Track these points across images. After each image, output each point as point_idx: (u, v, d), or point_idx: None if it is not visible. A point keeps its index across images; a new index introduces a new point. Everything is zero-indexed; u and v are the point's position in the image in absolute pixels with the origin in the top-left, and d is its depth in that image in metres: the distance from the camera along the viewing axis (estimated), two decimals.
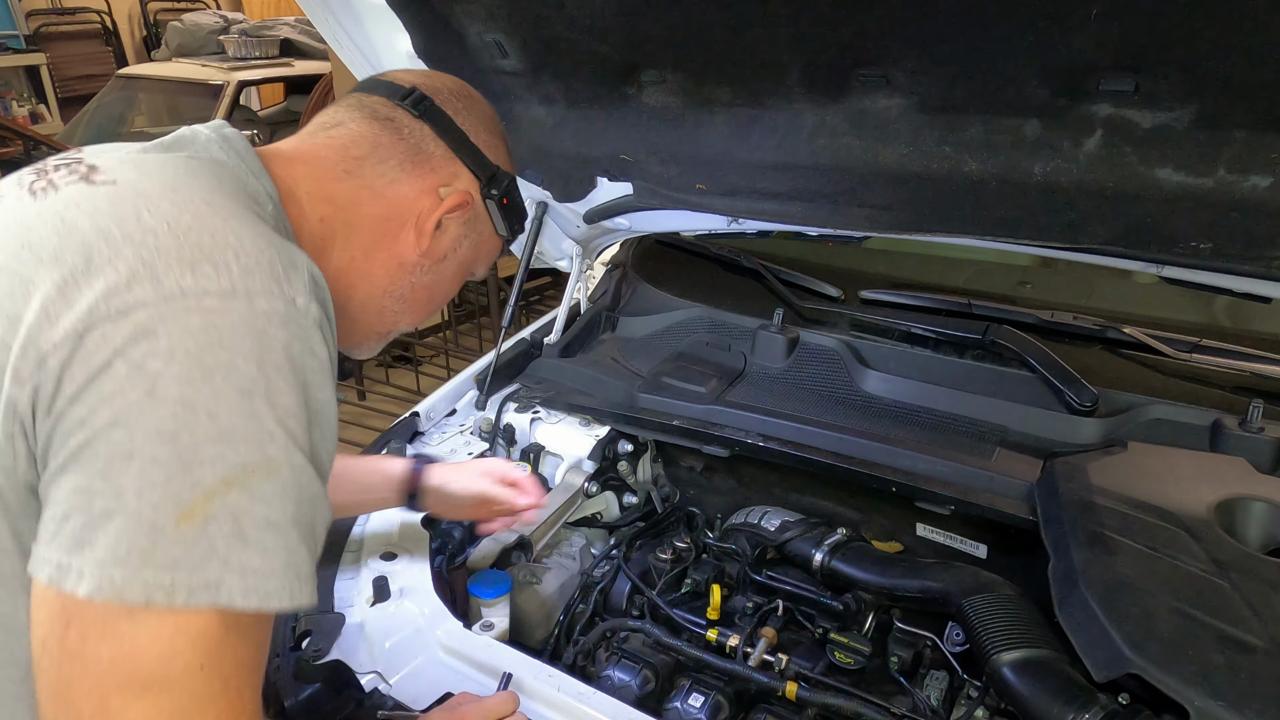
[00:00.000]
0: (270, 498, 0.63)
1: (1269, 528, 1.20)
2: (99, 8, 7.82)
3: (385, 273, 0.90)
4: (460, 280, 0.99)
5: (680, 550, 1.50)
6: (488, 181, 0.93)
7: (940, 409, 1.55)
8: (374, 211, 0.87)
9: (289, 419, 0.65)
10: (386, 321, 0.95)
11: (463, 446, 1.63)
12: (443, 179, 0.90)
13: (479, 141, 0.93)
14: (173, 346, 0.61)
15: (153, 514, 0.60)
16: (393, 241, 0.89)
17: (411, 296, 0.94)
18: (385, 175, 0.87)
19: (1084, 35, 0.93)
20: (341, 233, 0.86)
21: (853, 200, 1.33)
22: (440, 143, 0.90)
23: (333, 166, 0.86)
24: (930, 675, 1.26)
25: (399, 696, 1.08)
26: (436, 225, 0.90)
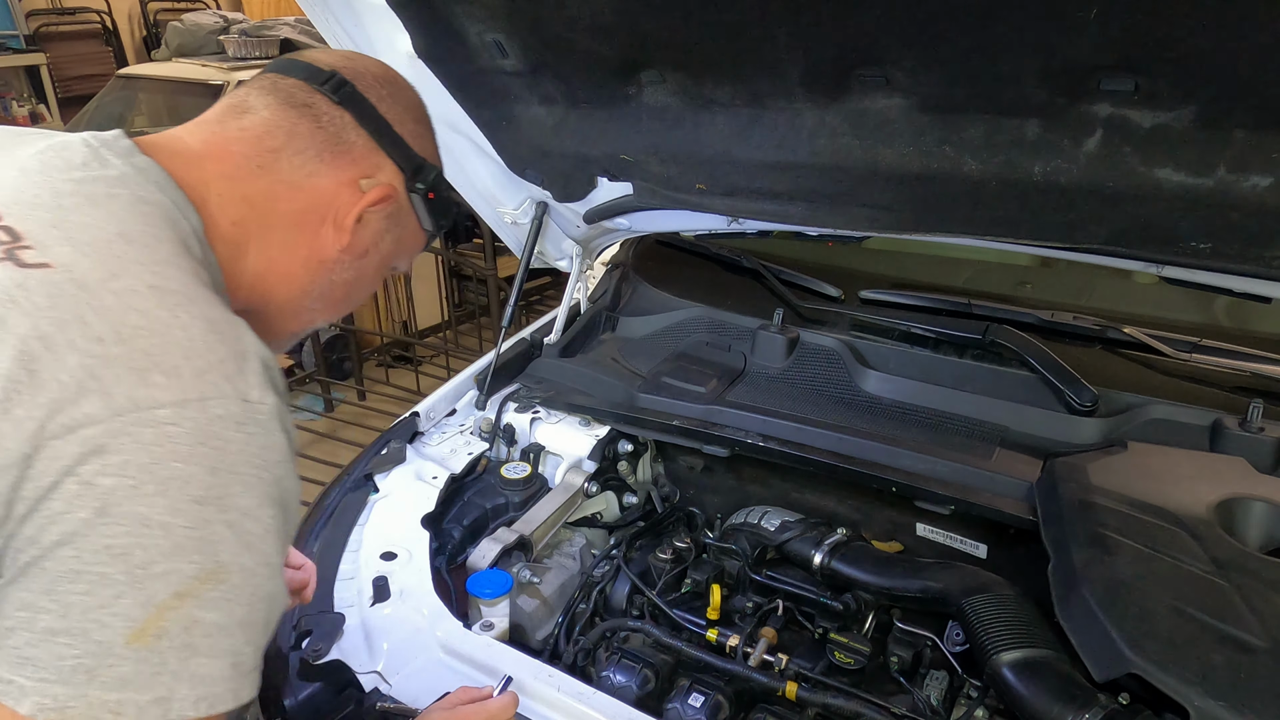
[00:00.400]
0: (220, 604, 0.62)
1: (1269, 528, 1.20)
2: (99, 8, 7.82)
3: (305, 272, 0.85)
4: (381, 275, 0.94)
5: (680, 550, 1.50)
6: (413, 174, 0.87)
7: (940, 409, 1.55)
8: (291, 208, 0.81)
9: (244, 520, 0.63)
10: (304, 320, 0.91)
11: (463, 446, 1.63)
12: (364, 170, 0.84)
13: (404, 131, 0.86)
14: (125, 462, 0.58)
15: (101, 632, 0.58)
16: (312, 238, 0.83)
17: (331, 294, 0.88)
18: (303, 168, 0.81)
19: (1084, 35, 0.93)
20: (257, 234, 0.80)
21: (853, 200, 1.33)
22: (362, 132, 0.83)
23: (246, 162, 0.79)
24: (930, 675, 1.26)
25: (399, 696, 1.08)
26: (358, 220, 0.84)
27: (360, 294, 0.93)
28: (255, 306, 0.83)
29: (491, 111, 1.53)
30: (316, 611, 1.19)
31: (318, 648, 1.14)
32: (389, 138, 0.85)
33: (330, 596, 1.23)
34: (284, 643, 1.15)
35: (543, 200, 1.79)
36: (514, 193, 1.80)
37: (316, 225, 0.83)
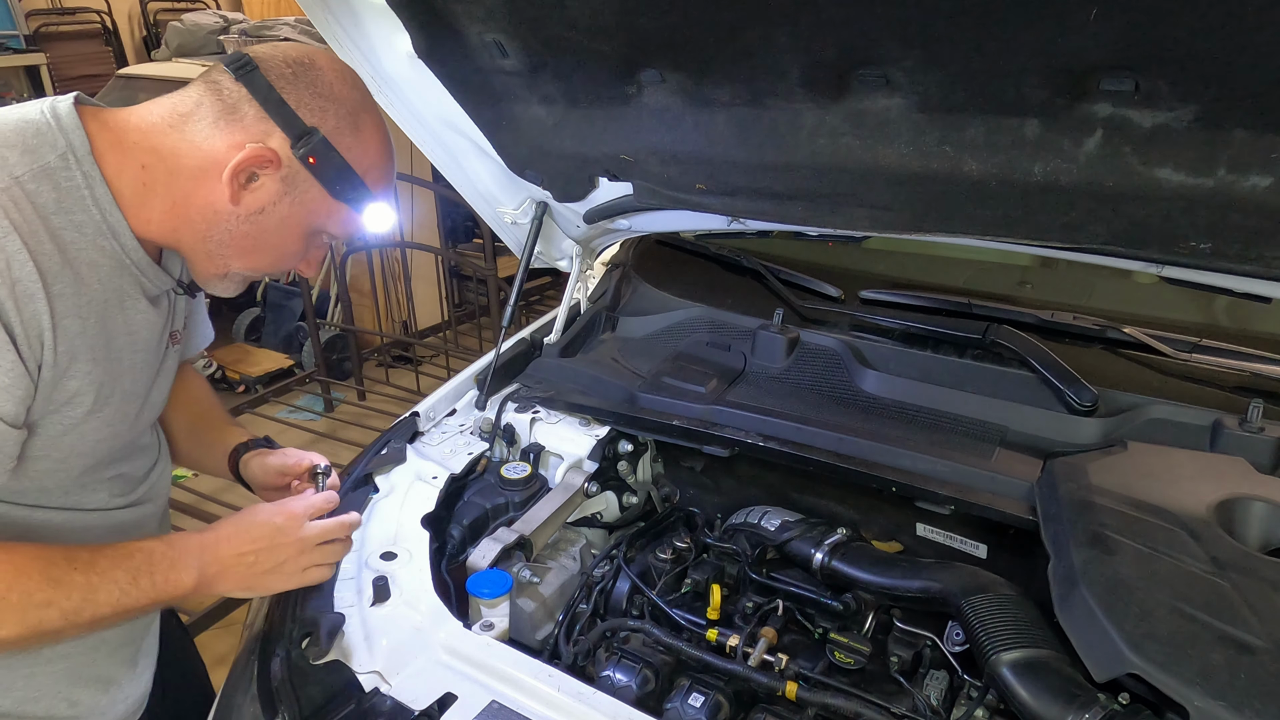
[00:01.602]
0: None
1: (1269, 528, 1.20)
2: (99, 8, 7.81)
3: (202, 219, 1.01)
4: (298, 237, 1.07)
5: (680, 550, 1.50)
6: (296, 139, 0.99)
7: (940, 409, 1.55)
8: (191, 163, 0.99)
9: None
10: (217, 263, 1.06)
11: (463, 446, 1.63)
12: (252, 136, 0.98)
13: (296, 102, 0.99)
14: None
15: None
16: (207, 191, 0.99)
17: (233, 243, 1.04)
18: (203, 131, 0.99)
19: (1084, 35, 0.93)
20: (164, 180, 0.99)
21: (853, 200, 1.33)
22: (254, 103, 0.99)
23: (161, 121, 0.99)
24: (930, 675, 1.26)
25: (399, 697, 1.08)
26: (250, 179, 0.99)
27: (272, 249, 1.06)
28: (173, 242, 1.04)
29: (491, 111, 1.53)
30: (316, 612, 1.19)
31: (318, 648, 1.14)
32: (277, 108, 0.99)
33: (330, 596, 1.23)
34: (284, 643, 1.15)
35: (543, 200, 1.79)
36: (514, 193, 1.80)
37: (210, 180, 0.99)
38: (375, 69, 1.50)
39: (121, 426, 1.08)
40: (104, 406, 1.02)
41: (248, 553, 1.08)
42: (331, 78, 1.03)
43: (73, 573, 0.97)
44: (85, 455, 1.05)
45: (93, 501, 1.10)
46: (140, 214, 1.00)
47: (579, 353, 1.90)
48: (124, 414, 1.07)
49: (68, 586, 0.96)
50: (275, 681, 1.10)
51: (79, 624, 0.97)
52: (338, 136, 1.02)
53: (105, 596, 0.99)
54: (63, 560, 0.97)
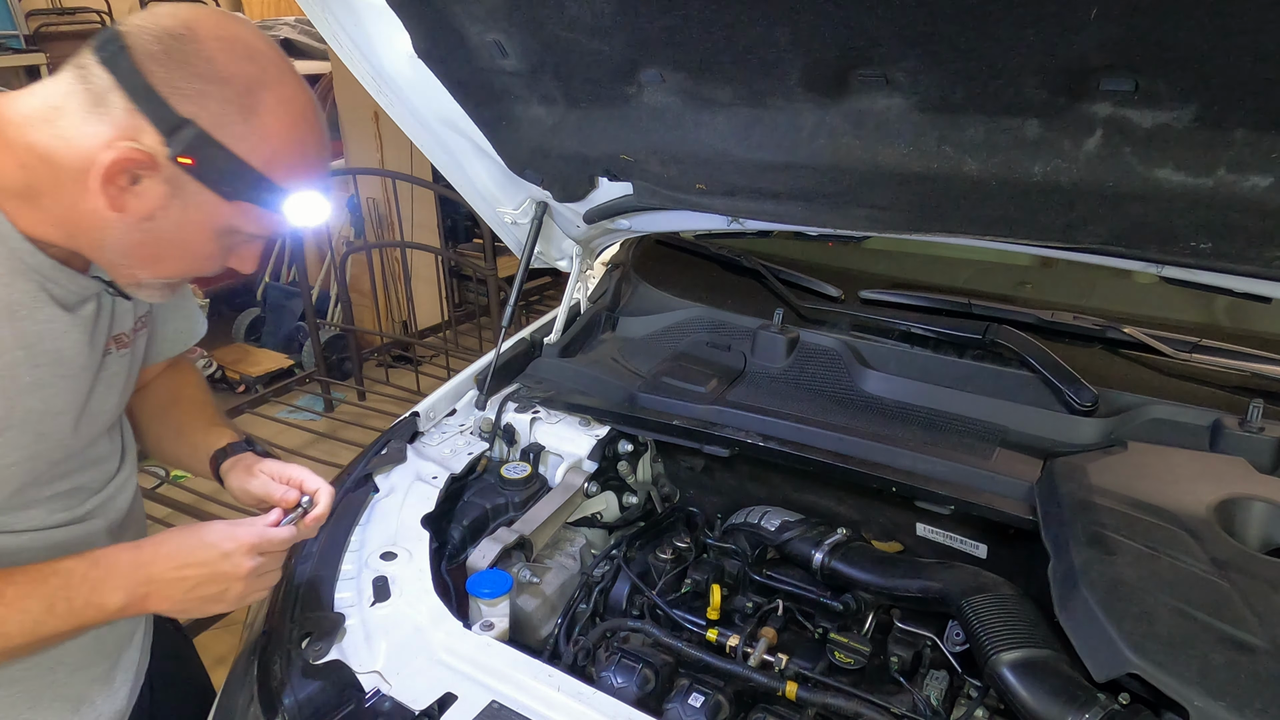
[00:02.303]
0: None
1: (1269, 528, 1.20)
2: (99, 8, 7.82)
3: (89, 227, 0.89)
4: (205, 240, 0.93)
5: (680, 550, 1.50)
6: (169, 135, 0.84)
7: (940, 409, 1.55)
8: (68, 163, 0.86)
9: None
10: (122, 273, 0.95)
11: (463, 446, 1.63)
12: (124, 132, 0.84)
13: (170, 89, 0.83)
14: None
15: None
16: (87, 196, 0.86)
17: (132, 253, 0.92)
18: (74, 127, 0.85)
19: (1084, 35, 0.93)
20: (48, 182, 0.87)
21: (853, 200, 1.33)
22: (121, 92, 0.83)
23: (36, 114, 0.86)
24: (930, 675, 1.26)
25: (399, 697, 1.08)
26: (133, 181, 0.85)
27: (181, 256, 0.94)
28: (75, 249, 0.92)
29: (491, 111, 1.53)
30: (316, 612, 1.19)
31: (318, 648, 1.14)
32: (145, 99, 0.83)
33: (330, 596, 1.23)
34: (284, 643, 1.15)
35: (543, 200, 1.79)
36: (514, 193, 1.80)
37: (87, 183, 0.85)
38: (375, 69, 1.50)
39: (43, 445, 0.98)
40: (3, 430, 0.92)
41: (188, 576, 0.99)
42: (215, 51, 0.85)
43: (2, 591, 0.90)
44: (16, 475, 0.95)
45: (24, 521, 1.00)
46: (32, 215, 0.88)
47: (579, 353, 1.90)
48: (42, 433, 0.97)
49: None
50: (275, 681, 1.10)
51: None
52: (223, 126, 0.85)
53: (14, 628, 0.91)
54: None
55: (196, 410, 1.30)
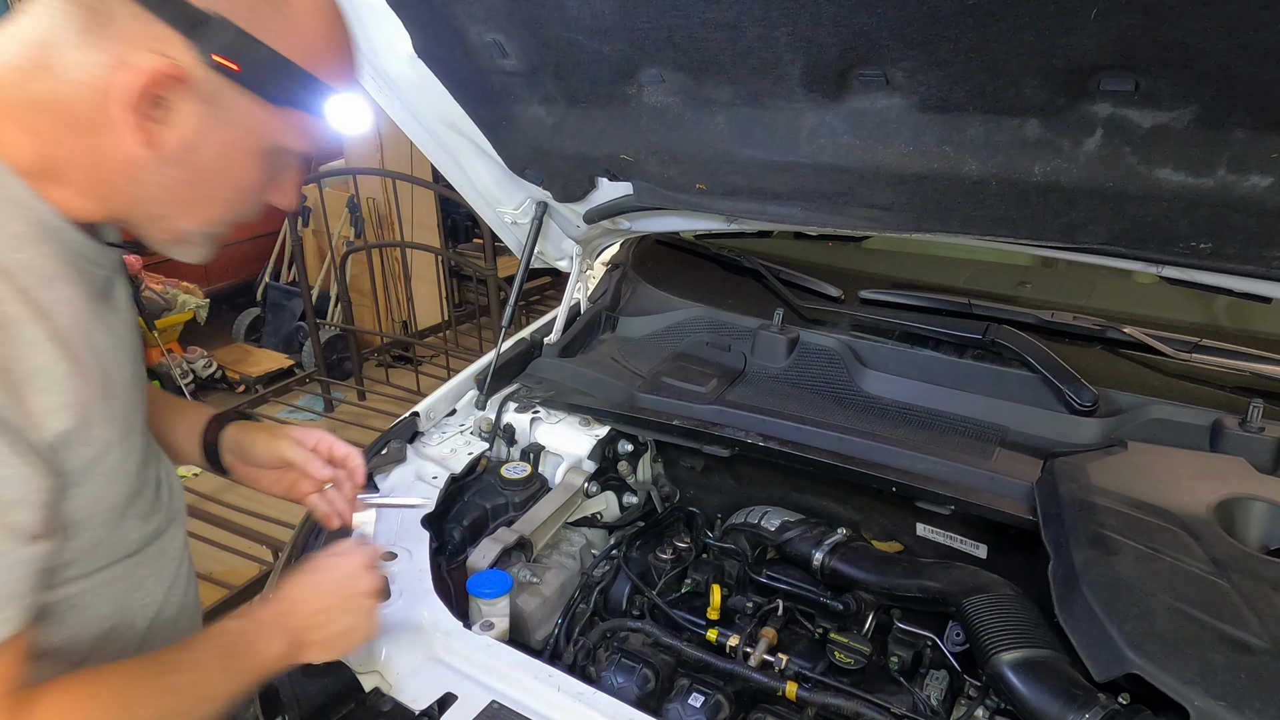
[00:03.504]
0: None
1: (1269, 528, 1.20)
2: None
3: (123, 177, 0.75)
4: (252, 166, 0.80)
5: (680, 550, 1.50)
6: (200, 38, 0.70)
7: (940, 409, 1.55)
8: (78, 107, 0.71)
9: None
10: (164, 226, 0.81)
11: (463, 446, 1.63)
12: (138, 45, 0.69)
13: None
14: None
15: None
16: (110, 141, 0.72)
17: (170, 198, 0.78)
18: (72, 60, 0.70)
19: (1084, 35, 0.93)
20: (65, 141, 0.73)
21: (853, 200, 1.33)
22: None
23: (25, 62, 0.71)
24: (930, 675, 1.26)
25: (399, 697, 1.08)
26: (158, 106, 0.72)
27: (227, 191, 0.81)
28: (110, 215, 0.80)
29: (491, 111, 1.53)
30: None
31: None
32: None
33: None
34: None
35: (543, 200, 1.79)
36: (514, 193, 1.80)
37: (109, 122, 0.71)
38: (375, 69, 1.50)
39: (136, 438, 0.89)
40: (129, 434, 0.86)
41: (326, 609, 0.98)
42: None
43: (173, 675, 0.84)
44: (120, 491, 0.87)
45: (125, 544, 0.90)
46: (55, 192, 0.75)
47: (579, 353, 1.90)
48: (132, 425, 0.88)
49: (178, 692, 0.83)
50: (275, 681, 1.10)
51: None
52: (256, 19, 0.72)
53: (212, 690, 0.86)
54: (155, 668, 0.85)
55: (159, 398, 1.15)
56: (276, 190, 0.85)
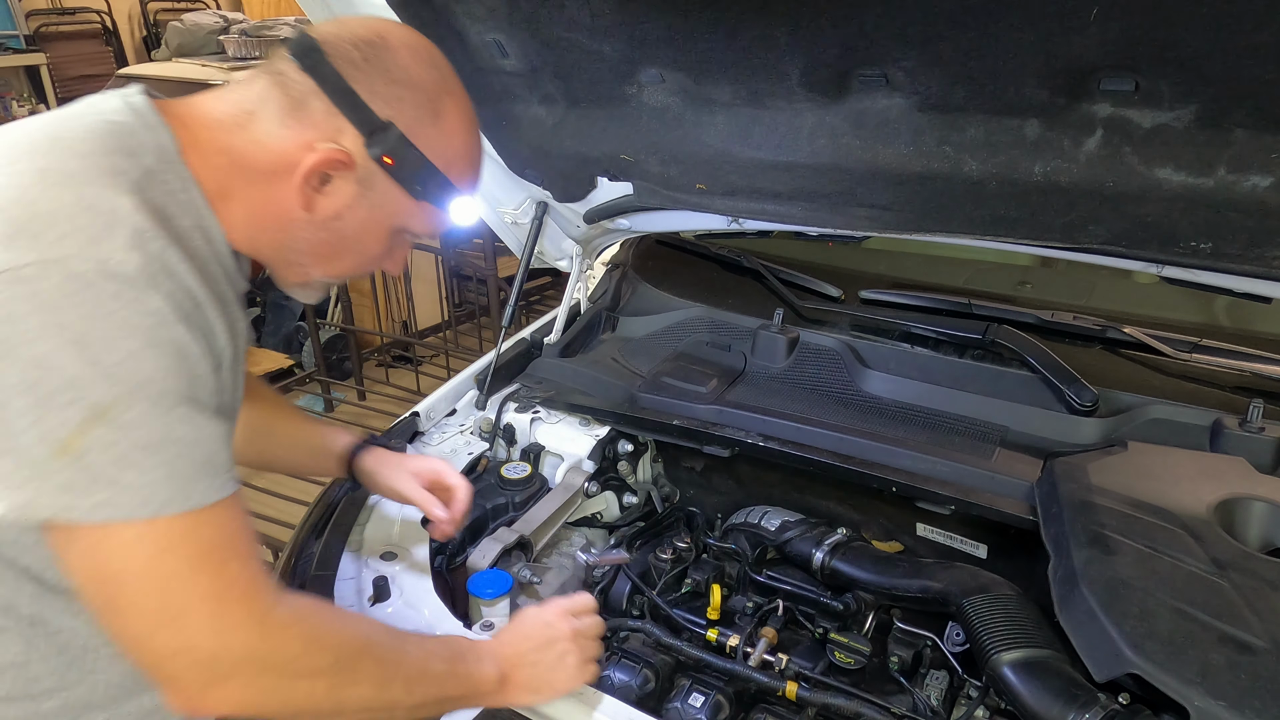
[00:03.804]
0: (129, 428, 0.73)
1: (1269, 528, 1.20)
2: (99, 8, 7.81)
3: (276, 226, 0.92)
4: (379, 239, 0.96)
5: (680, 550, 1.50)
6: (371, 136, 0.88)
7: (940, 409, 1.55)
8: (261, 165, 0.88)
9: (129, 361, 0.73)
10: (297, 272, 0.97)
11: (463, 446, 1.63)
12: (324, 134, 0.87)
13: (370, 93, 0.87)
14: (10, 314, 0.71)
15: (35, 450, 0.72)
16: (278, 197, 0.89)
17: (311, 251, 0.94)
18: (269, 131, 0.88)
19: (1084, 35, 0.93)
20: (238, 183, 0.89)
21: (853, 200, 1.33)
22: (323, 96, 0.87)
23: (228, 119, 0.89)
24: (930, 675, 1.26)
25: None
26: (324, 182, 0.89)
27: (353, 256, 0.97)
28: (251, 250, 0.94)
29: (491, 111, 1.53)
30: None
31: None
32: (348, 102, 0.87)
33: (330, 596, 1.23)
34: None
35: (543, 200, 1.79)
36: (514, 193, 1.80)
37: (280, 184, 0.88)
38: None
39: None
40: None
41: (528, 651, 1.04)
42: (407, 58, 0.90)
43: (407, 643, 0.94)
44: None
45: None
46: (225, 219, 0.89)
47: (579, 353, 1.90)
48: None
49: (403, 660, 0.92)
50: None
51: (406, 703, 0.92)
52: (416, 129, 0.90)
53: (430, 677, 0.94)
54: (393, 630, 0.95)
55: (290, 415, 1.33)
56: (390, 260, 1.01)
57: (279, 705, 0.85)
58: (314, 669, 0.85)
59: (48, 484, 0.73)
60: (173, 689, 0.80)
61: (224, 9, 7.96)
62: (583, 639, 1.08)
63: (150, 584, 0.77)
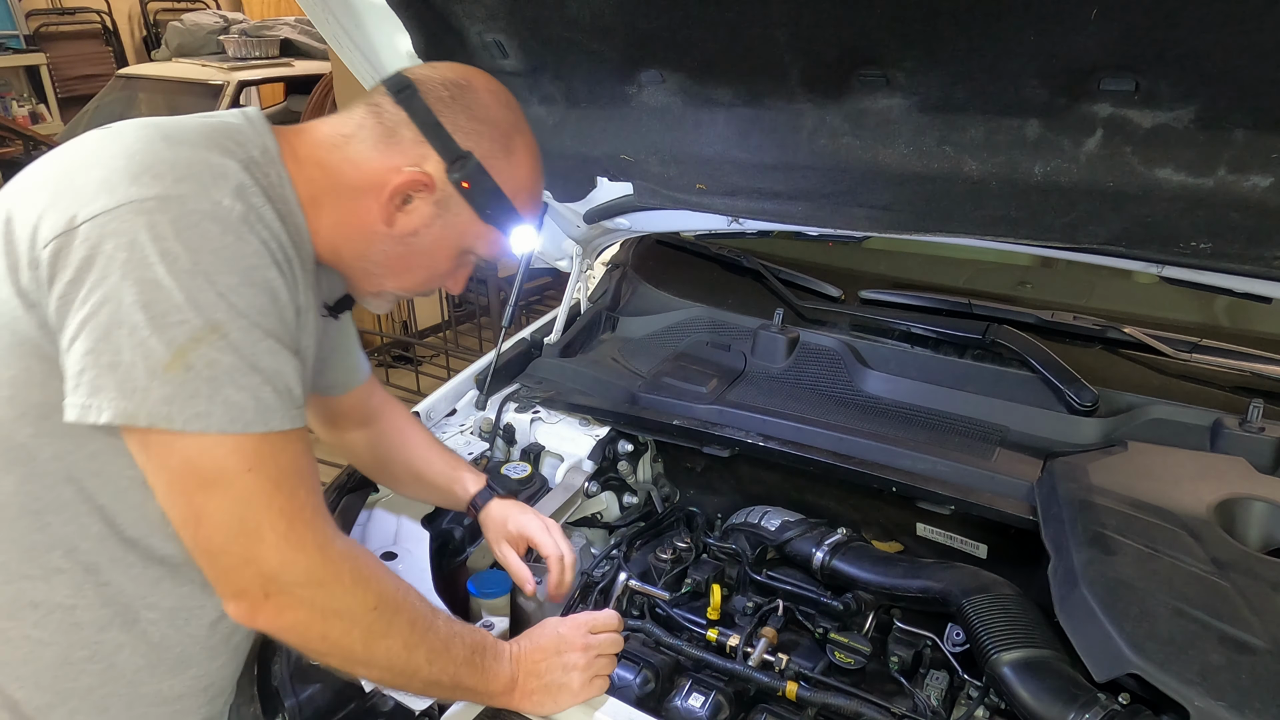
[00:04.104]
0: (229, 350, 0.83)
1: (1269, 528, 1.20)
2: (99, 8, 7.82)
3: (359, 237, 1.02)
4: (448, 258, 1.06)
5: (680, 550, 1.49)
6: (451, 163, 0.99)
7: (940, 409, 1.55)
8: (351, 182, 0.99)
9: (230, 293, 0.83)
10: (372, 282, 1.07)
11: (463, 447, 1.63)
12: (410, 159, 0.99)
13: (453, 126, 0.99)
14: (131, 241, 0.80)
15: (144, 364, 0.80)
16: (364, 211, 1.00)
17: (387, 264, 1.04)
18: (363, 152, 0.99)
19: (1084, 35, 0.93)
20: (329, 195, 1.00)
21: (853, 200, 1.33)
22: (413, 126, 0.99)
23: (326, 140, 1.01)
24: (930, 675, 1.26)
25: (399, 697, 1.08)
26: (405, 201, 1.00)
27: (422, 271, 1.07)
28: (333, 259, 1.03)
29: None
30: None
31: None
32: (434, 132, 0.99)
33: None
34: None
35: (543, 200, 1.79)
36: None
37: (367, 201, 1.00)
38: (375, 69, 1.50)
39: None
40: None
41: (538, 661, 1.08)
42: (487, 99, 1.03)
43: (435, 619, 0.99)
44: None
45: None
46: (311, 224, 1.00)
47: (579, 353, 1.90)
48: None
49: (429, 631, 0.98)
50: (275, 682, 1.10)
51: (424, 674, 0.97)
52: (491, 160, 1.01)
53: (449, 657, 0.99)
54: (426, 602, 1.00)
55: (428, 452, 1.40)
56: (453, 279, 1.10)
57: (319, 634, 0.91)
58: (359, 606, 0.92)
59: (151, 396, 0.80)
60: (236, 597, 0.88)
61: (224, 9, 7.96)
62: (595, 655, 1.11)
63: (233, 497, 0.84)
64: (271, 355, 0.86)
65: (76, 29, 7.71)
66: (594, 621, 1.15)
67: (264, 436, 0.85)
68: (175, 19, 6.85)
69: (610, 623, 1.16)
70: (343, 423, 1.36)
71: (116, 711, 0.98)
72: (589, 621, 1.15)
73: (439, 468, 1.39)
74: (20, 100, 7.01)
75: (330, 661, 0.96)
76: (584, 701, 1.08)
